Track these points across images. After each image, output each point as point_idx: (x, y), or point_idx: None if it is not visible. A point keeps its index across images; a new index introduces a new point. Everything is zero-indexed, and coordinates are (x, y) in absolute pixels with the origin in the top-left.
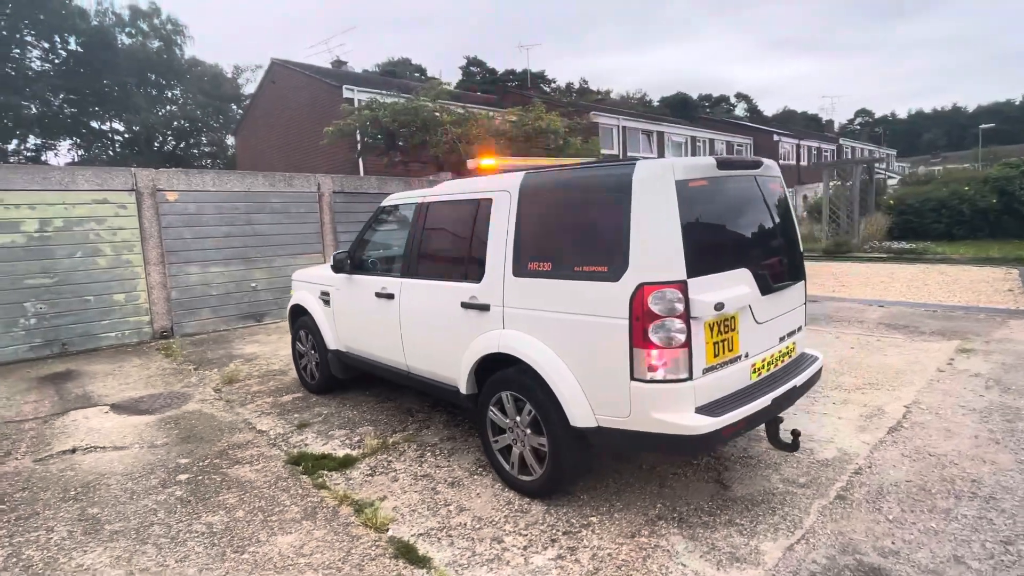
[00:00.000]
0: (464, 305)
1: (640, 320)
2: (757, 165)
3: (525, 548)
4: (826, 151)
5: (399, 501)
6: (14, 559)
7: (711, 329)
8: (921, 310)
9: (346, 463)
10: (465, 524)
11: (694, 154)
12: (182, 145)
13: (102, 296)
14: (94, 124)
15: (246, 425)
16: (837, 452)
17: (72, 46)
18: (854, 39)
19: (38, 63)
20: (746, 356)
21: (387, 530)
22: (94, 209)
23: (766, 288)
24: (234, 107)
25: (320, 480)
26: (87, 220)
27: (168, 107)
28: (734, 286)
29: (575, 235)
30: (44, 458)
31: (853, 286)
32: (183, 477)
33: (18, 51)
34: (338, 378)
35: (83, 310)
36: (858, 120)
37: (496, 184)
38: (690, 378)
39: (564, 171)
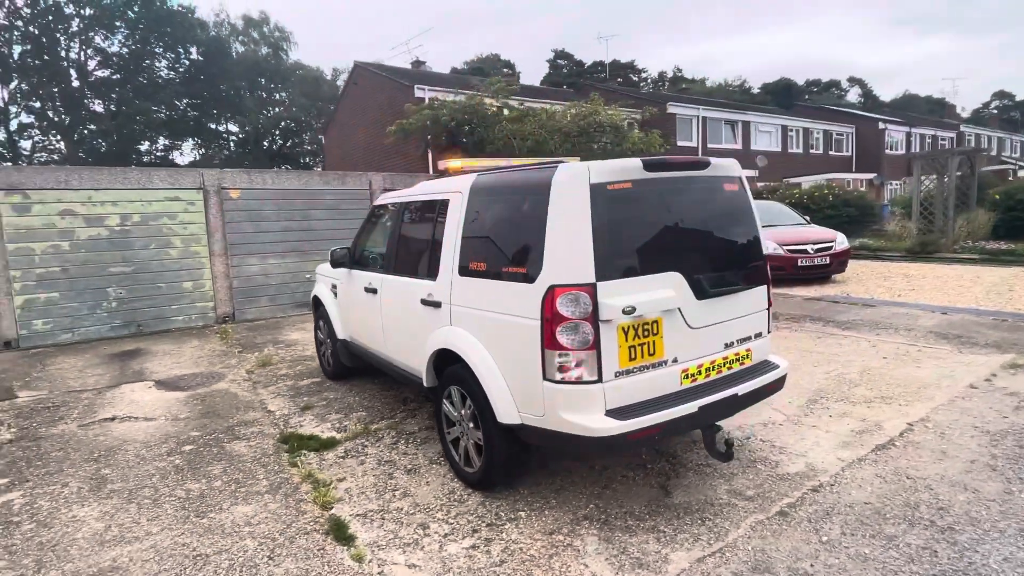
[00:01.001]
0: (423, 302)
1: (550, 322)
2: (702, 165)
3: (445, 536)
4: (943, 139)
5: (354, 483)
6: (28, 506)
7: (625, 332)
8: (988, 319)
9: (327, 445)
10: (402, 509)
11: (784, 144)
12: (288, 144)
13: (173, 283)
14: (212, 126)
15: (260, 405)
16: (804, 467)
17: (194, 55)
18: (994, 14)
19: (165, 72)
20: (674, 361)
21: (331, 508)
22: (167, 205)
23: (702, 293)
24: (332, 107)
25: (297, 459)
26: (161, 215)
27: (275, 109)
28: (657, 290)
29: (505, 236)
30: (87, 424)
31: (925, 290)
32: (188, 448)
33: (148, 62)
34: (346, 366)
35: (156, 295)
36: (994, 104)
37: (453, 185)
38: (599, 380)
39: (505, 173)
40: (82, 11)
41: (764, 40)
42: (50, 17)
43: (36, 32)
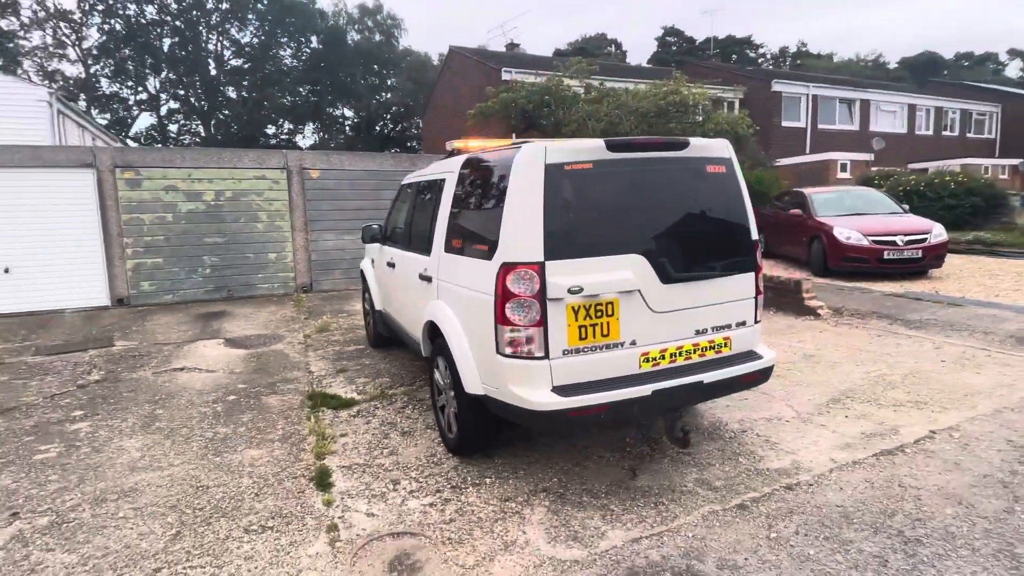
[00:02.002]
0: (420, 276)
1: (501, 298)
2: (677, 146)
3: (411, 492)
4: None
5: (352, 439)
6: (91, 435)
7: (575, 312)
8: None
9: (346, 404)
10: (383, 465)
11: (911, 125)
12: (397, 128)
13: (259, 254)
14: (330, 110)
15: (304, 365)
16: (788, 464)
17: (314, 44)
18: None
19: (289, 61)
20: (632, 344)
21: (324, 459)
22: (255, 184)
23: (667, 277)
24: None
25: (315, 414)
26: (250, 193)
27: (386, 94)
28: (612, 271)
29: (477, 215)
30: (159, 371)
31: None
32: (231, 398)
33: (274, 51)
34: (383, 335)
35: (244, 264)
36: None
37: (449, 166)
38: (546, 357)
39: (486, 153)
40: (220, 5)
41: (909, 9)
42: (195, 12)
43: (182, 26)
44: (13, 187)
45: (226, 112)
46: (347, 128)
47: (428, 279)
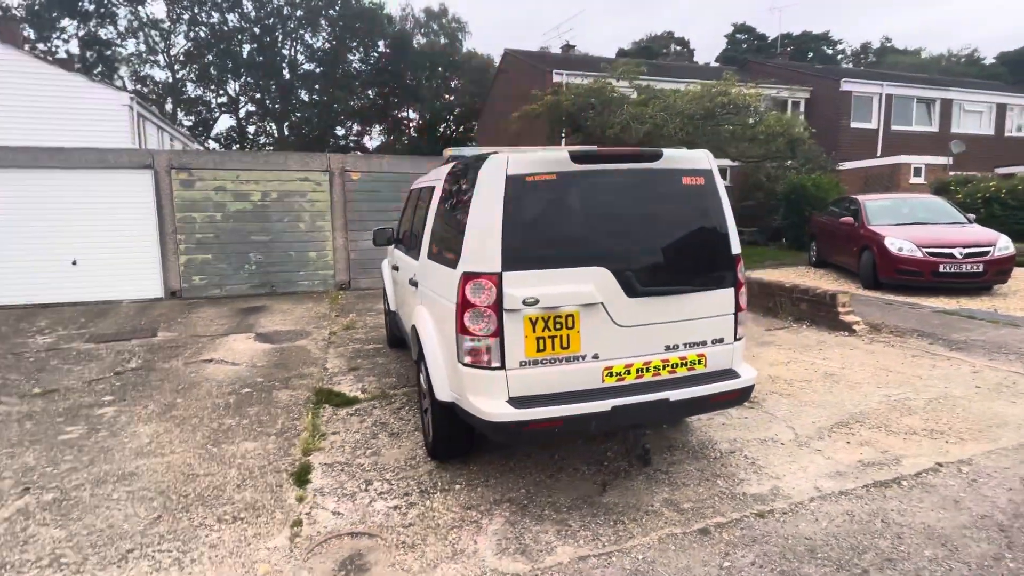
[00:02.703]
0: (409, 281)
1: (460, 307)
2: (647, 157)
3: (380, 494)
4: None
5: (342, 437)
6: (113, 419)
7: (533, 323)
8: None
9: (348, 402)
10: (363, 465)
11: (999, 127)
12: (460, 129)
13: (300, 252)
14: (395, 113)
15: (321, 362)
16: (768, 490)
17: (381, 48)
18: None
19: (358, 65)
20: (594, 357)
21: (310, 455)
22: (299, 185)
23: (633, 291)
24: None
25: (316, 410)
26: (294, 194)
27: (449, 96)
28: (573, 284)
29: (450, 223)
30: (190, 362)
31: None
32: (245, 391)
33: (344, 55)
34: (396, 335)
35: (287, 262)
36: None
37: (439, 173)
38: (503, 367)
39: (463, 162)
40: (295, 12)
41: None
42: (273, 19)
43: (260, 32)
44: (82, 186)
45: (299, 114)
46: (412, 130)
47: (415, 284)
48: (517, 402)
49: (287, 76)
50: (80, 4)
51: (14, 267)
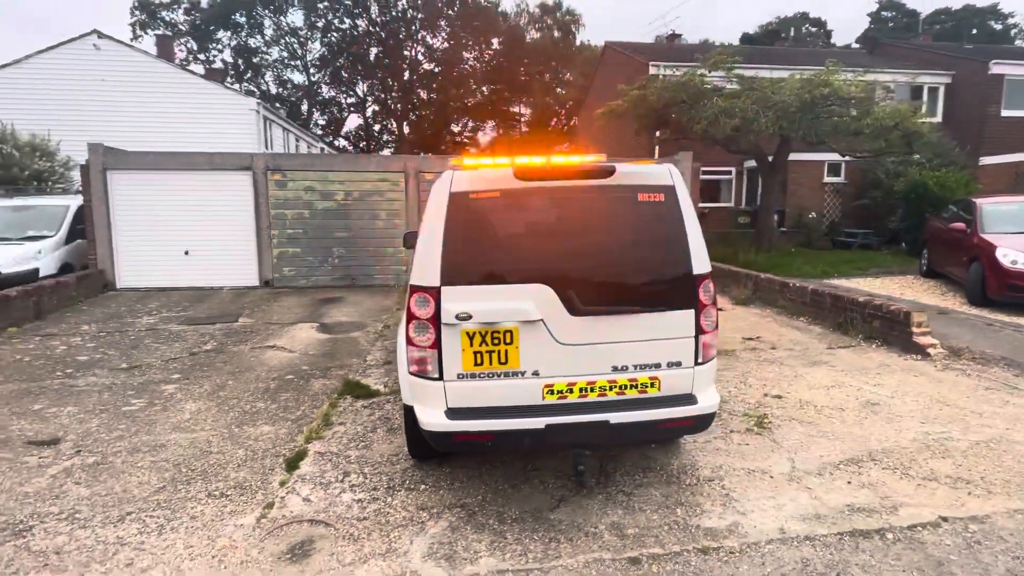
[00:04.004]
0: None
1: (407, 319)
2: (600, 174)
3: (352, 486)
4: None
5: (345, 428)
6: (172, 395)
7: (470, 337)
8: None
9: (368, 395)
10: (349, 457)
11: None
12: (571, 123)
13: (377, 248)
14: (507, 108)
15: (364, 354)
16: (726, 525)
17: (495, 45)
18: None
19: (472, 63)
20: (535, 374)
21: (310, 442)
22: (377, 185)
23: (575, 309)
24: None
25: (338, 400)
26: (373, 193)
27: (561, 90)
28: (512, 300)
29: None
30: (255, 347)
31: None
32: (289, 377)
33: (460, 54)
34: None
35: (365, 257)
36: None
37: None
38: (440, 379)
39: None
40: (417, 15)
41: None
42: (397, 23)
43: (384, 35)
44: (193, 186)
45: (418, 113)
46: (523, 125)
47: None
48: (453, 413)
49: (407, 76)
50: (233, 17)
51: (139, 255)
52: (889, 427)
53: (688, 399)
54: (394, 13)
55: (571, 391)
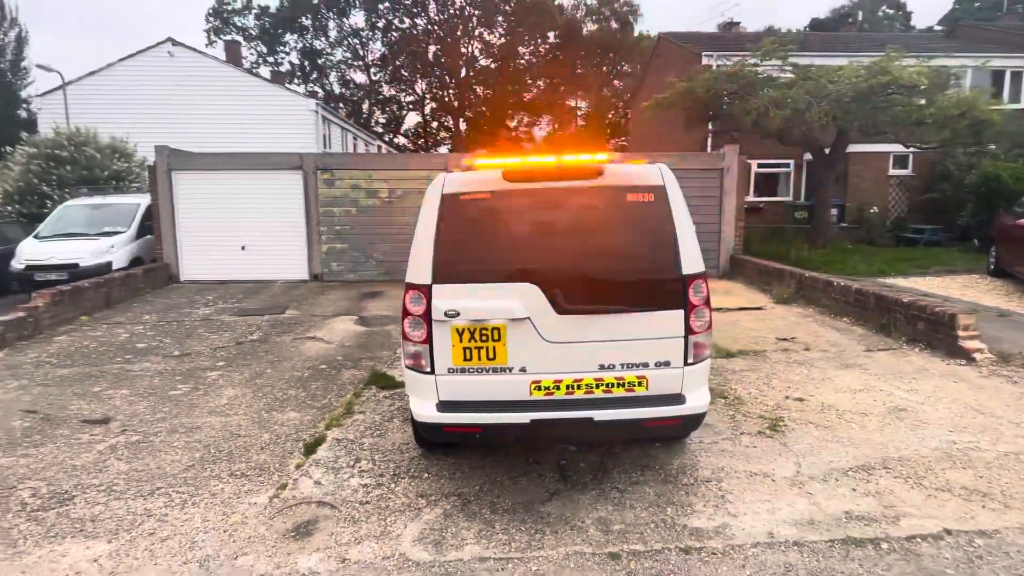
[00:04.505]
0: None
1: (403, 315)
2: (589, 175)
3: (361, 472)
4: None
5: (364, 417)
6: (214, 381)
7: (460, 334)
8: None
9: (392, 386)
10: (363, 445)
11: None
12: (628, 116)
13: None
14: (563, 102)
15: (396, 347)
16: (715, 527)
17: (551, 39)
18: None
19: (528, 57)
20: (522, 370)
21: (330, 429)
22: (419, 183)
23: (562, 308)
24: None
25: (362, 391)
26: (414, 191)
27: (618, 82)
28: (499, 299)
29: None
30: (297, 338)
31: None
32: (322, 367)
33: (516, 49)
34: None
35: (406, 253)
36: None
37: None
38: (432, 372)
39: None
40: (474, 12)
41: None
42: (456, 20)
43: (442, 33)
44: (249, 184)
45: (474, 109)
46: (579, 119)
47: None
48: (444, 406)
49: (464, 73)
50: (299, 20)
51: (201, 249)
52: (912, 434)
53: (676, 399)
54: (452, 11)
55: (558, 388)
